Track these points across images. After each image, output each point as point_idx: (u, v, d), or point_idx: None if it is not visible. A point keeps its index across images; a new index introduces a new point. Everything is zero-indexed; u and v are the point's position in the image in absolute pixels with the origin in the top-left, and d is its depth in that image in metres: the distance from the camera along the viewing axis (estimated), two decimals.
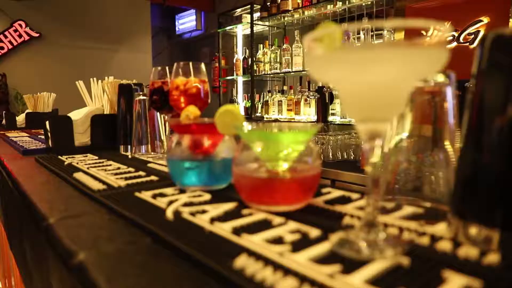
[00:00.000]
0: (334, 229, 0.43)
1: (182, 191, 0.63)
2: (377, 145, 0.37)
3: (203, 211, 0.51)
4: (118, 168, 0.86)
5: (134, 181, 0.71)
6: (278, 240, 0.40)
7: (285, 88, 3.16)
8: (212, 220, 0.47)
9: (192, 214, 0.49)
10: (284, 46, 3.07)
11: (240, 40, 3.77)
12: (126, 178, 0.74)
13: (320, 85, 2.70)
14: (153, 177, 0.75)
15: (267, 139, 0.48)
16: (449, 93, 0.50)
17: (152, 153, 1.10)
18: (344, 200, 0.55)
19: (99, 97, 1.25)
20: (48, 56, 4.09)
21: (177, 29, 5.15)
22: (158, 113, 1.05)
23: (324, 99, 2.59)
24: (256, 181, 0.49)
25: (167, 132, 1.11)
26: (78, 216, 0.54)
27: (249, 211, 0.50)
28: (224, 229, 0.43)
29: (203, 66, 0.88)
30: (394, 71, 0.34)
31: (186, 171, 0.62)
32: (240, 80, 3.65)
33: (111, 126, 1.17)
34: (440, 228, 0.43)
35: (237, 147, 0.53)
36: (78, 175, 0.78)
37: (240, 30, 3.73)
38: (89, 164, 0.92)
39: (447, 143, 0.52)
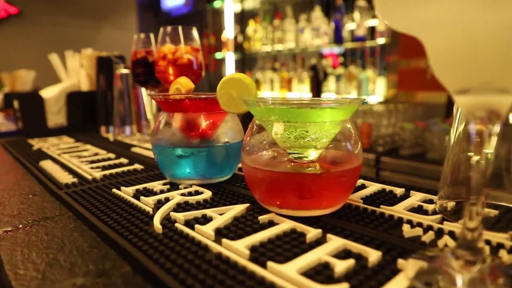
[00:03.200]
0: (398, 247, 0.29)
1: (173, 185, 0.48)
2: (494, 132, 0.22)
3: (204, 218, 0.36)
4: (96, 154, 0.70)
5: (113, 171, 0.56)
6: (324, 272, 0.25)
7: (277, 65, 2.99)
8: (218, 232, 0.32)
9: (189, 223, 0.35)
10: (276, 22, 2.87)
11: (230, 17, 3.55)
12: (103, 168, 0.58)
13: (313, 62, 2.53)
14: (137, 166, 0.59)
15: (294, 118, 0.33)
16: None
17: (138, 134, 0.94)
18: (388, 197, 0.41)
19: (76, 72, 1.07)
20: (28, 33, 3.80)
21: (163, 5, 4.86)
22: (143, 89, 0.88)
23: (318, 77, 2.43)
24: (278, 176, 0.35)
25: (154, 110, 0.95)
26: (33, 225, 0.39)
27: (268, 216, 0.35)
28: (237, 249, 0.28)
29: (195, 31, 0.71)
30: None
31: (178, 160, 0.47)
32: (231, 57, 3.45)
33: (90, 105, 1.00)
34: None
35: (248, 130, 0.38)
36: (45, 164, 0.62)
37: (230, 6, 3.50)
38: (62, 149, 0.76)
39: None
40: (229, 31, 3.36)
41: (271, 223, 0.34)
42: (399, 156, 1.63)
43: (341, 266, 0.26)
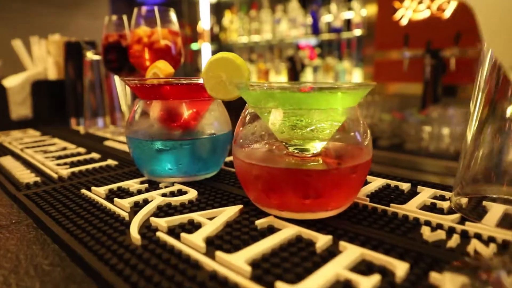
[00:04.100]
0: (425, 256, 0.24)
1: (152, 183, 0.41)
2: None
3: (191, 224, 0.30)
4: (64, 149, 0.62)
5: (83, 168, 0.48)
6: None
7: (254, 57, 2.92)
8: (209, 243, 0.26)
9: (173, 231, 0.29)
10: (252, 13, 2.79)
11: (206, 7, 3.44)
12: (72, 164, 0.51)
13: (291, 53, 2.48)
14: (110, 162, 0.52)
15: (297, 104, 0.27)
16: None
17: (111, 126, 0.86)
18: (395, 194, 0.36)
19: (42, 60, 0.97)
20: None
21: None
22: (116, 77, 0.80)
23: (295, 68, 2.38)
24: (278, 173, 0.29)
25: (129, 101, 0.87)
26: None
27: (267, 220, 0.30)
28: (235, 266, 0.23)
29: (173, 13, 0.64)
30: None
31: (157, 154, 0.40)
32: (207, 48, 3.35)
33: (58, 94, 0.91)
34: None
35: (241, 119, 0.32)
36: (4, 161, 0.54)
37: None
38: (26, 143, 0.67)
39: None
40: (205, 22, 3.26)
41: (271, 229, 0.28)
42: (378, 147, 1.61)
43: (366, 285, 0.20)
